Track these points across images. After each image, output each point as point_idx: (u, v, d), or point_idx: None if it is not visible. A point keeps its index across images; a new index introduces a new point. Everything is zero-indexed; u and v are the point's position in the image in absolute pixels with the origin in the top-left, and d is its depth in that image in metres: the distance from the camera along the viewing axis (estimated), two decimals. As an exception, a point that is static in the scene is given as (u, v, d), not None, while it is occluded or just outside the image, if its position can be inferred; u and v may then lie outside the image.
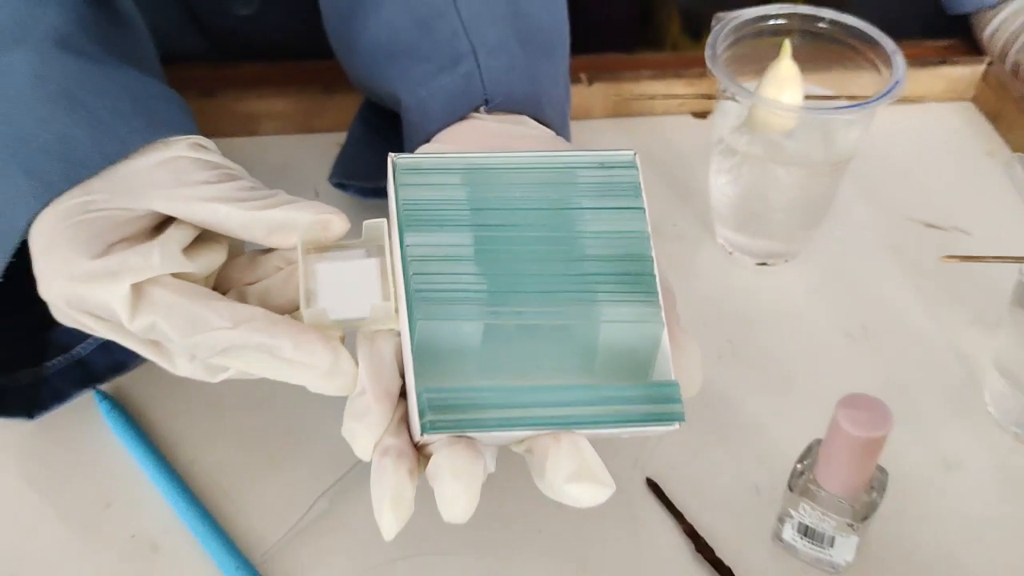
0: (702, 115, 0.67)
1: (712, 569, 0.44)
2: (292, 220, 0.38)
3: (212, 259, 0.40)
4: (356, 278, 0.38)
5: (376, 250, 0.38)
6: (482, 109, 0.47)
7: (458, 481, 0.34)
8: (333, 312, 0.37)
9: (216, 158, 0.41)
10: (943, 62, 0.69)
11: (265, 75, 0.66)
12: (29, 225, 0.39)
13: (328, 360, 0.36)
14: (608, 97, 0.66)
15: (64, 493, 0.46)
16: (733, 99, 0.52)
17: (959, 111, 0.69)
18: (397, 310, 0.37)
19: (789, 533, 0.44)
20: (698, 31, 1.01)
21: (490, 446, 0.37)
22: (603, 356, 0.37)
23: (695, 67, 0.67)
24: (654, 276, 0.37)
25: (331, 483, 0.46)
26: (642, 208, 0.38)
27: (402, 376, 0.37)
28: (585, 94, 0.66)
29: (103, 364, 0.48)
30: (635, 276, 0.37)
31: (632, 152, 0.39)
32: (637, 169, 0.39)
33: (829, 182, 0.55)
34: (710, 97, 0.64)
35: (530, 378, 0.37)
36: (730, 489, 0.47)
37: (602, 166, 0.39)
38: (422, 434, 0.34)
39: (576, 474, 0.34)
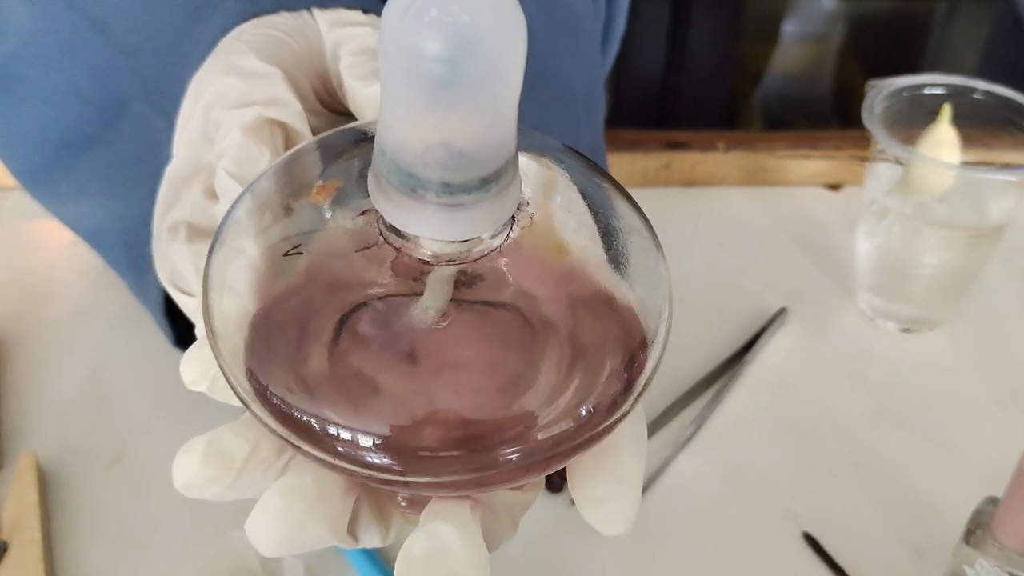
0: (835, 187, 0.68)
1: (879, 625, 0.43)
2: None
3: None
4: None
5: None
6: None
7: None
8: None
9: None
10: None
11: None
12: None
13: None
14: (742, 166, 0.67)
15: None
16: (889, 160, 0.53)
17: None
18: None
19: (960, 592, 0.42)
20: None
21: None
22: None
23: (827, 141, 0.68)
24: None
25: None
26: None
27: None
28: (721, 162, 0.67)
29: None
30: None
31: None
32: None
33: (979, 250, 0.54)
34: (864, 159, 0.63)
35: None
36: (889, 548, 0.46)
37: None
38: None
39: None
